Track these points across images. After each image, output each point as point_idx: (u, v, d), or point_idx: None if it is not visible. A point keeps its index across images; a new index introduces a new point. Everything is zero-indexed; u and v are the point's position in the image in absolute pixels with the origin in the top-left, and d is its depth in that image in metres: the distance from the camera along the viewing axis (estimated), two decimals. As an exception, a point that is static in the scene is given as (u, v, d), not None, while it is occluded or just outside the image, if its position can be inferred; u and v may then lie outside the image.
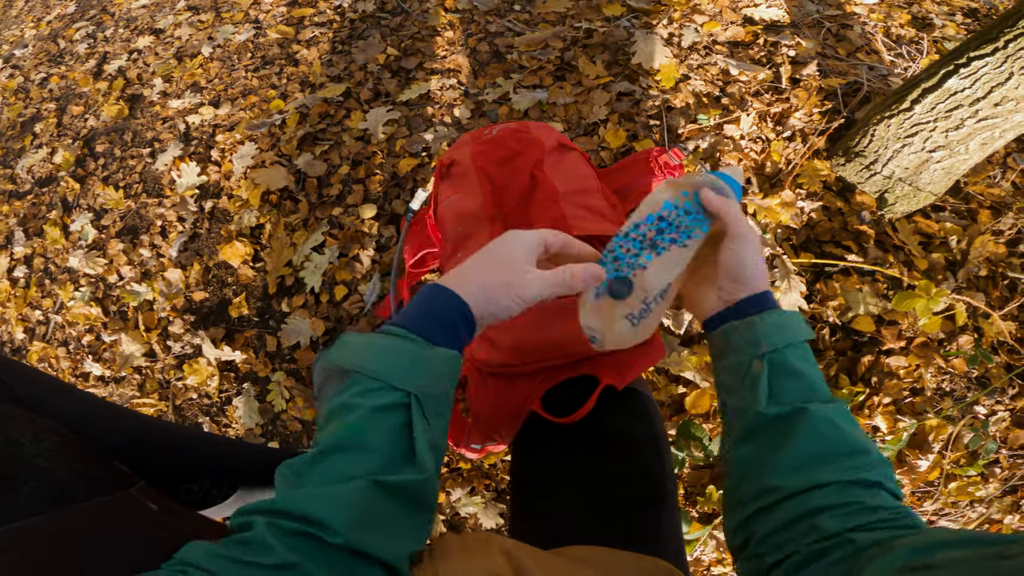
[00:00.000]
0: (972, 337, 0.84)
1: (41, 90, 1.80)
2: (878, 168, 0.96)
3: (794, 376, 0.43)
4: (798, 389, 0.43)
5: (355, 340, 0.42)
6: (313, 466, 0.37)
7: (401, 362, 0.40)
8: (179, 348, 1.23)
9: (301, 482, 0.37)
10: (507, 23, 1.33)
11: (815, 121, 1.05)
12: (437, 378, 0.42)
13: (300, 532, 0.35)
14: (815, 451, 0.40)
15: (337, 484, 0.37)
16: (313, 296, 1.13)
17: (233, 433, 1.17)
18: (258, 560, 0.33)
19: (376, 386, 0.39)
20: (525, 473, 0.66)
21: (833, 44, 1.17)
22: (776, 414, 0.42)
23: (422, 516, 0.40)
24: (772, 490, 0.40)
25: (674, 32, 1.22)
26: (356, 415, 0.38)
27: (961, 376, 0.87)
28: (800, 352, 0.45)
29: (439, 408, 0.42)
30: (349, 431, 0.38)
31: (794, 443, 0.40)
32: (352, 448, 0.38)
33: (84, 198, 1.47)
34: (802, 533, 0.37)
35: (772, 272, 0.95)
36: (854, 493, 0.38)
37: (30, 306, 1.44)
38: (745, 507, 0.41)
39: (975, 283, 0.88)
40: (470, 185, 0.76)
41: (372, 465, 0.38)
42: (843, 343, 0.90)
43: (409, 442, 0.39)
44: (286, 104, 1.36)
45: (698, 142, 1.08)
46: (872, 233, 0.92)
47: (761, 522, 0.40)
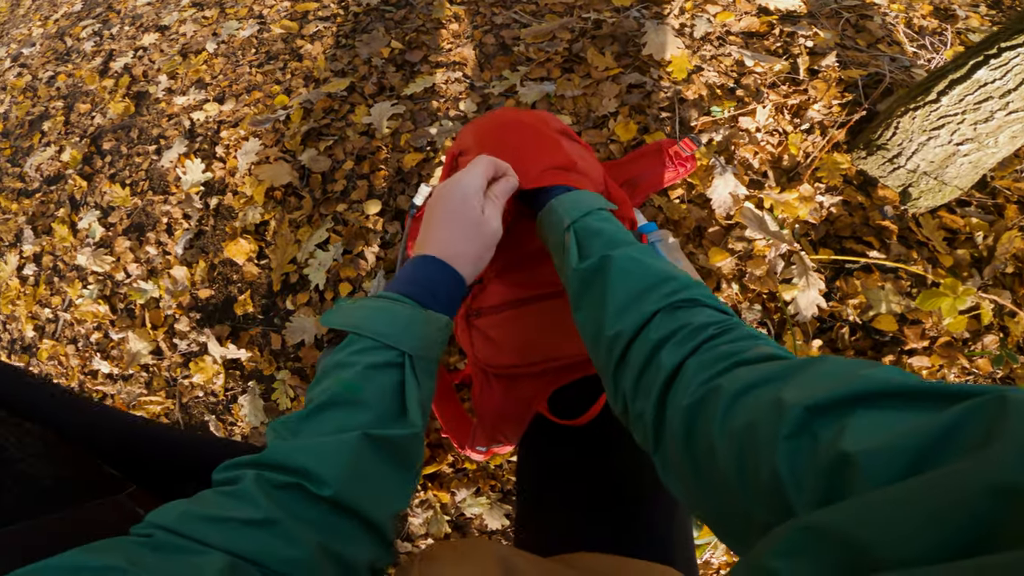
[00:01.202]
0: (997, 337, 0.78)
1: (49, 88, 1.75)
2: (902, 161, 0.89)
3: (595, 235, 0.46)
4: (600, 244, 0.45)
5: (352, 304, 0.43)
6: (306, 421, 0.37)
7: (397, 323, 0.41)
8: (185, 346, 1.19)
9: (291, 436, 0.37)
10: (513, 14, 1.26)
11: (834, 113, 0.98)
12: (430, 341, 0.42)
13: (289, 484, 0.34)
14: (631, 287, 0.41)
15: (328, 436, 0.36)
16: (318, 293, 1.08)
17: (239, 431, 1.13)
18: (237, 515, 0.32)
19: (372, 345, 0.40)
20: (532, 474, 0.63)
21: (852, 35, 1.09)
22: (586, 267, 0.43)
23: (408, 473, 0.40)
24: (615, 337, 0.40)
25: (686, 22, 1.15)
26: (351, 372, 0.38)
27: (985, 376, 0.81)
28: (599, 216, 0.48)
29: (429, 369, 0.43)
30: (344, 387, 0.38)
31: (611, 288, 0.41)
32: (346, 403, 0.37)
33: (91, 196, 1.42)
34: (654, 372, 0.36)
35: (790, 269, 0.88)
36: (679, 317, 0.38)
37: (39, 304, 1.40)
38: (608, 367, 0.41)
39: (1001, 280, 0.81)
40: None
41: (364, 419, 0.37)
42: (863, 342, 0.84)
43: (401, 399, 0.39)
44: (290, 99, 1.30)
45: (712, 135, 1.01)
46: (895, 229, 0.85)
47: (623, 376, 0.39)
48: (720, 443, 0.29)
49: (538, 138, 0.64)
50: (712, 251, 0.93)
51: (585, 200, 0.50)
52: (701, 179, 0.97)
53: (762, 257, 0.90)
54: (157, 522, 0.32)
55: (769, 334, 0.87)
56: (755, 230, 0.92)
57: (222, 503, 0.33)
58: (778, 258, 0.90)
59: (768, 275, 0.89)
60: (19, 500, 0.45)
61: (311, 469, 0.34)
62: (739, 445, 0.28)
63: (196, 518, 0.32)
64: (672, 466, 0.35)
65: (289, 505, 0.34)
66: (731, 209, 0.95)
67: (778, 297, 0.87)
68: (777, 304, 0.87)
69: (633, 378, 0.38)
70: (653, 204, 0.98)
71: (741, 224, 0.94)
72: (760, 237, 0.91)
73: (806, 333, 0.84)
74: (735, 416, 0.29)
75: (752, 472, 0.26)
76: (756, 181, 0.97)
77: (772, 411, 0.26)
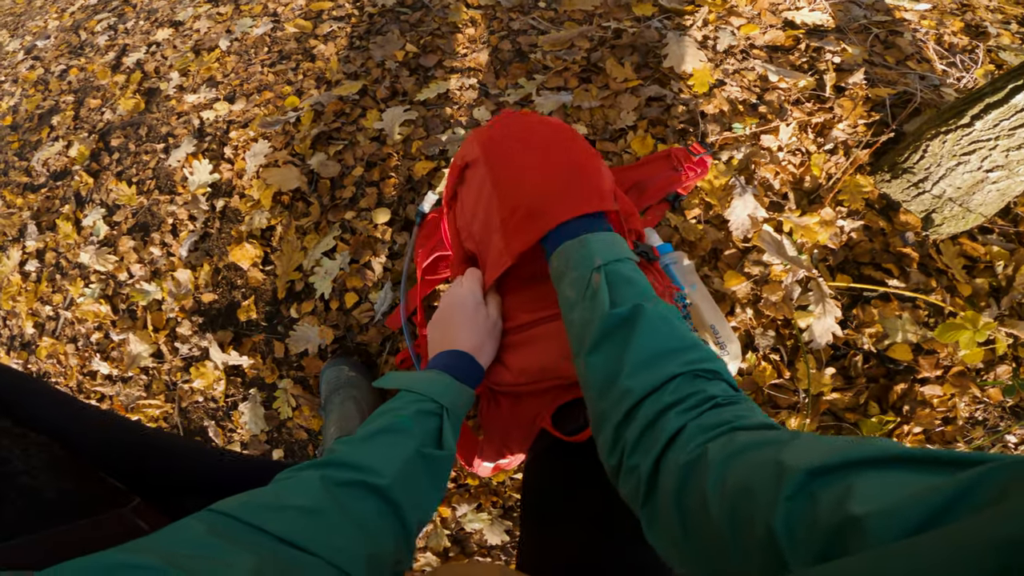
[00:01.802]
0: (1010, 367, 0.81)
1: (60, 82, 1.84)
2: (927, 186, 0.92)
3: (628, 283, 0.52)
4: (634, 292, 0.51)
5: (406, 374, 0.62)
6: (367, 439, 0.50)
7: (438, 386, 0.58)
8: (186, 350, 1.25)
9: (355, 446, 0.48)
10: (531, 20, 1.32)
11: (860, 133, 1.02)
12: (460, 403, 0.60)
13: (352, 481, 0.44)
14: (656, 347, 0.46)
15: (389, 448, 0.49)
16: (323, 302, 1.14)
17: (238, 439, 1.19)
18: (295, 503, 0.40)
19: (420, 398, 0.56)
20: (536, 490, 0.69)
21: (881, 51, 1.13)
22: (619, 314, 0.49)
23: (438, 492, 0.53)
24: (629, 391, 0.44)
25: (709, 35, 1.20)
26: (404, 412, 0.54)
27: (995, 405, 0.85)
28: (630, 265, 0.55)
29: (456, 424, 0.59)
30: (399, 420, 0.53)
31: (637, 340, 0.47)
32: (401, 431, 0.52)
33: (97, 193, 1.50)
34: (659, 432, 0.41)
35: (806, 295, 0.92)
36: (697, 384, 0.43)
37: (40, 301, 1.48)
38: (610, 418, 0.46)
39: (1018, 311, 0.85)
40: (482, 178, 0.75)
41: (415, 442, 0.51)
42: (876, 370, 0.88)
43: (439, 435, 0.55)
44: (301, 101, 1.37)
45: (733, 152, 1.05)
46: (916, 256, 0.89)
47: (628, 429, 0.44)
48: (713, 499, 0.32)
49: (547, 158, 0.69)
50: (728, 274, 0.97)
51: (618, 244, 0.58)
52: (719, 199, 1.02)
53: (778, 282, 0.94)
54: (220, 509, 0.39)
55: (782, 360, 0.91)
56: (773, 255, 0.96)
57: (283, 494, 0.42)
58: (795, 284, 0.94)
59: (784, 301, 0.93)
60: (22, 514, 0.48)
61: (372, 465, 0.46)
62: (733, 502, 0.31)
63: (257, 506, 0.39)
64: (661, 521, 0.38)
65: (344, 499, 0.43)
66: (749, 232, 0.99)
67: (793, 324, 0.91)
68: (791, 331, 0.91)
69: (636, 433, 0.42)
70: (669, 224, 1.03)
71: (759, 248, 0.98)
72: (778, 262, 0.95)
73: (819, 360, 0.88)
74: (730, 475, 0.32)
75: (746, 528, 0.29)
76: (776, 203, 1.01)
77: (771, 472, 0.29)
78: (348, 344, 1.12)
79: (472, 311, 0.68)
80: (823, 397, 0.85)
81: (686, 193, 1.03)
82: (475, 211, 0.74)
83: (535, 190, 0.65)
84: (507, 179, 0.69)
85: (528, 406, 0.72)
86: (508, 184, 0.69)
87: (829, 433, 0.84)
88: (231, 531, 0.37)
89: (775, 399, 0.88)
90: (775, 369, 0.90)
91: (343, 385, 1.06)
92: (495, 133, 0.74)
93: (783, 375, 0.89)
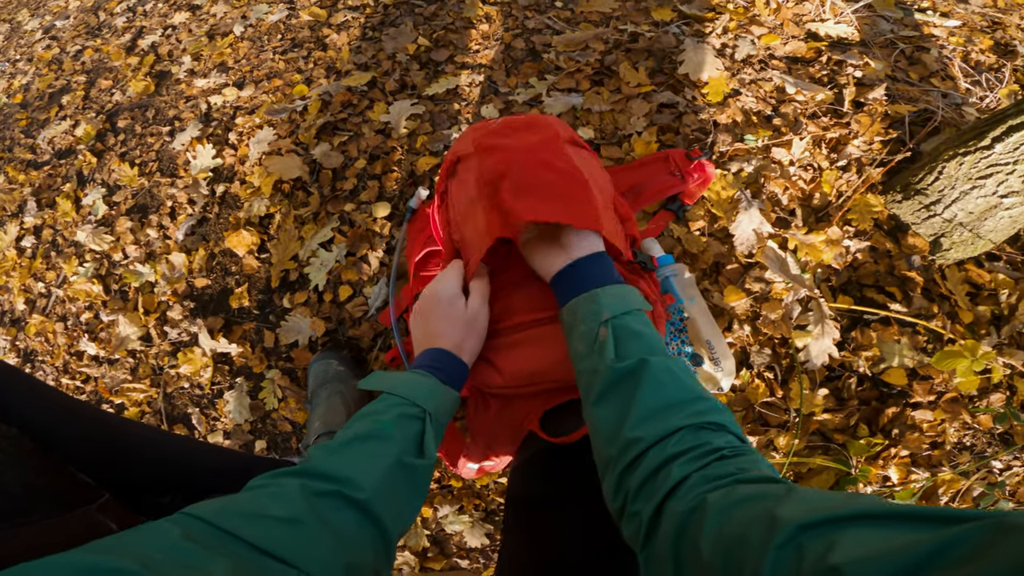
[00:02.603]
0: (1004, 395, 0.88)
1: (74, 62, 2.01)
2: (939, 209, 0.99)
3: (635, 336, 0.58)
4: (639, 347, 0.57)
5: (389, 375, 0.66)
6: (346, 446, 0.54)
7: (422, 389, 0.63)
8: (176, 335, 1.37)
9: (334, 455, 0.53)
10: (547, 20, 1.42)
11: (875, 150, 1.09)
12: (444, 407, 0.64)
13: (330, 492, 0.48)
14: (663, 399, 0.52)
15: (368, 458, 0.53)
16: (316, 294, 1.24)
17: (221, 427, 1.29)
18: (273, 513, 0.44)
19: (402, 402, 0.61)
20: (521, 496, 0.75)
21: (905, 67, 1.21)
22: (623, 368, 0.54)
23: (418, 501, 0.59)
24: (634, 441, 0.50)
25: (728, 43, 1.29)
26: (385, 416, 0.59)
27: (984, 432, 0.91)
28: (639, 318, 0.61)
29: (439, 429, 0.63)
30: (379, 425, 0.57)
31: (643, 393, 0.52)
32: (380, 437, 0.56)
33: (99, 173, 1.64)
34: (662, 481, 0.46)
35: (806, 315, 0.99)
36: (702, 436, 0.48)
37: (34, 277, 1.62)
38: (616, 465, 0.51)
39: (1017, 340, 0.91)
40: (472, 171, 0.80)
41: (395, 450, 0.55)
42: (869, 393, 0.94)
43: (420, 441, 0.59)
44: (309, 90, 1.49)
45: (742, 164, 1.14)
46: (920, 281, 0.96)
47: (631, 476, 0.49)
48: (707, 545, 0.38)
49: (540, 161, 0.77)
50: (728, 290, 1.05)
51: (629, 296, 0.64)
52: (725, 212, 1.10)
53: (779, 301, 1.02)
54: (195, 513, 0.42)
55: (776, 379, 0.98)
56: (776, 272, 1.04)
57: (261, 502, 0.45)
58: (795, 303, 1.01)
59: (783, 320, 1.00)
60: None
61: (352, 477, 0.50)
62: (727, 548, 0.37)
63: (234, 513, 0.43)
64: (655, 564, 0.44)
65: (323, 510, 0.47)
66: (753, 247, 1.07)
67: (790, 343, 0.98)
68: (788, 350, 0.98)
69: (639, 481, 0.48)
70: (672, 236, 1.11)
71: (762, 264, 1.05)
72: (780, 280, 1.03)
73: (813, 381, 0.95)
74: (727, 524, 0.38)
75: (736, 573, 0.35)
76: (783, 219, 1.08)
77: (765, 524, 0.34)
78: (339, 338, 1.22)
79: (447, 304, 0.72)
80: (814, 417, 0.92)
81: (691, 203, 1.11)
82: (464, 204, 0.80)
83: (525, 176, 0.72)
84: (496, 165, 0.75)
85: (517, 408, 0.78)
86: (496, 169, 0.74)
87: (816, 454, 0.91)
88: (206, 537, 0.40)
89: (766, 417, 0.95)
90: (768, 387, 0.97)
91: (331, 379, 1.16)
92: (491, 128, 0.82)
93: (776, 394, 0.96)
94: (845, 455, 0.89)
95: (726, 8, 1.35)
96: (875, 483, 0.88)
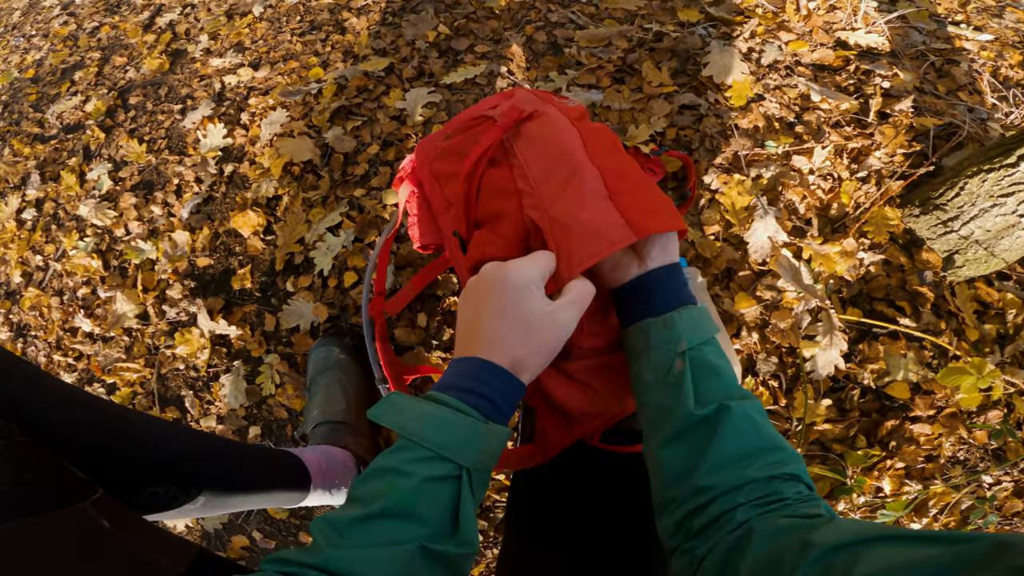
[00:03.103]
0: (1002, 412, 0.93)
1: (90, 39, 2.11)
2: (956, 226, 1.04)
3: (714, 374, 0.56)
4: (719, 387, 0.55)
5: (410, 405, 0.52)
6: (358, 526, 0.47)
7: (459, 436, 0.50)
8: (174, 314, 1.44)
9: (343, 542, 0.46)
10: (571, 14, 1.50)
11: (896, 163, 1.15)
12: (488, 456, 0.52)
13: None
14: (740, 448, 0.52)
15: (383, 547, 0.46)
16: (321, 279, 1.31)
17: (215, 411, 1.36)
18: None
19: (429, 456, 0.49)
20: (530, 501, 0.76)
21: (934, 79, 1.26)
22: (704, 414, 0.53)
23: None
24: (706, 489, 0.51)
25: (754, 47, 1.35)
26: (407, 483, 0.48)
27: (979, 447, 0.97)
28: (714, 348, 0.58)
29: (484, 482, 0.53)
30: (400, 499, 0.47)
31: (720, 441, 0.52)
32: (402, 516, 0.47)
33: (107, 148, 1.73)
34: (724, 524, 0.49)
35: (815, 326, 1.05)
36: (775, 486, 0.50)
37: (32, 250, 1.70)
38: (680, 507, 0.52)
39: (1019, 359, 0.96)
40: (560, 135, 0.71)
41: (420, 533, 0.47)
42: (871, 405, 1.00)
43: (455, 513, 0.49)
44: (325, 73, 1.57)
45: (761, 170, 1.19)
46: (931, 296, 1.01)
47: (696, 519, 0.51)
48: (745, 570, 0.43)
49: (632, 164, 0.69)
50: (739, 296, 1.11)
51: (705, 320, 0.59)
52: (740, 219, 1.16)
53: (789, 310, 1.07)
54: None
55: (780, 387, 1.03)
56: (788, 281, 1.09)
57: None
58: (805, 312, 1.06)
59: (792, 329, 1.06)
60: None
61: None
62: (762, 570, 0.42)
63: None
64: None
65: None
66: (767, 255, 1.13)
67: (798, 353, 1.03)
68: (795, 359, 1.03)
69: (703, 523, 0.50)
70: (686, 239, 1.17)
71: (774, 272, 1.11)
72: (792, 289, 1.08)
73: (817, 391, 1.00)
74: (767, 551, 0.43)
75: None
76: (799, 228, 1.14)
77: (799, 548, 0.39)
78: (342, 325, 1.28)
79: (517, 292, 0.55)
80: (815, 427, 0.97)
81: (692, 191, 1.16)
82: (551, 170, 0.68)
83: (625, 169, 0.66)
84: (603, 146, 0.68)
85: (592, 426, 0.72)
86: (609, 153, 0.67)
87: (814, 463, 0.96)
88: None
89: (769, 426, 1.01)
90: (772, 395, 1.02)
91: (331, 367, 1.21)
92: (549, 99, 0.78)
93: (779, 402, 1.01)
94: (842, 465, 0.94)
95: (755, 12, 1.42)
96: (868, 494, 0.93)
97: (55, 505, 0.54)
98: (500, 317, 0.55)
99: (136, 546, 0.58)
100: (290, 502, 1.02)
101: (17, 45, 2.30)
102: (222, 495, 0.83)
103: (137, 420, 0.77)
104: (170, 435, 0.81)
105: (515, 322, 0.55)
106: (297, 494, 1.00)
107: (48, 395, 0.66)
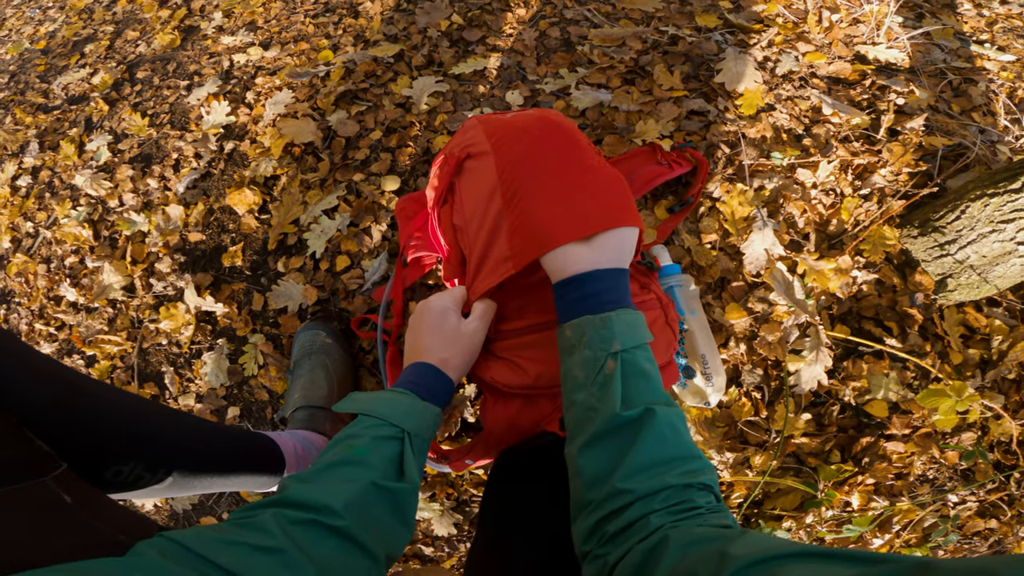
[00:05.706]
0: (976, 434, 1.03)
1: (106, 12, 2.32)
2: (952, 249, 1.15)
3: (643, 377, 0.65)
4: (648, 391, 0.64)
5: (365, 395, 0.76)
6: (320, 473, 0.63)
7: (399, 408, 0.73)
8: (161, 288, 1.59)
9: (305, 484, 0.61)
10: (586, 11, 1.64)
11: (900, 182, 1.26)
12: (425, 425, 0.74)
13: (306, 520, 0.56)
14: (661, 454, 0.59)
15: (340, 483, 0.61)
16: (313, 261, 1.45)
17: (195, 390, 1.50)
18: (249, 541, 0.51)
19: (378, 423, 0.70)
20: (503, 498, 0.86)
21: (949, 98, 1.38)
22: (630, 416, 0.61)
23: (404, 527, 0.67)
24: (623, 492, 0.57)
25: (771, 56, 1.48)
26: (360, 441, 0.67)
27: (949, 467, 1.08)
28: (646, 353, 0.68)
29: (422, 447, 0.73)
30: (354, 451, 0.66)
31: (642, 445, 0.59)
32: (356, 463, 0.65)
33: (109, 120, 1.90)
34: (638, 530, 0.55)
35: (803, 341, 1.16)
36: (689, 494, 0.57)
37: (24, 216, 1.87)
38: (596, 510, 0.59)
39: (999, 384, 1.07)
40: (489, 173, 0.87)
41: (372, 474, 0.64)
42: (848, 421, 1.11)
43: (400, 464, 0.68)
44: (335, 56, 1.73)
45: (764, 181, 1.32)
46: (919, 318, 1.12)
47: (610, 524, 0.57)
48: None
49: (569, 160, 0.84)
50: (730, 307, 1.22)
51: (640, 326, 0.69)
52: (738, 229, 1.28)
53: (778, 323, 1.19)
54: (173, 536, 0.49)
55: (762, 399, 1.14)
56: (780, 295, 1.21)
57: (236, 530, 0.52)
58: (794, 327, 1.18)
59: (780, 342, 1.17)
60: None
61: (328, 504, 0.57)
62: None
63: (211, 538, 0.50)
64: None
65: (301, 539, 0.54)
66: (762, 268, 1.25)
67: (783, 366, 1.15)
68: (780, 372, 1.15)
69: (617, 528, 0.56)
70: (683, 246, 1.29)
71: (767, 285, 1.23)
72: (783, 303, 1.20)
73: (798, 405, 1.11)
74: (681, 561, 0.47)
75: None
76: (796, 242, 1.26)
77: (716, 561, 0.43)
78: (331, 309, 1.42)
79: (437, 317, 0.84)
80: (792, 439, 1.08)
81: (695, 198, 1.29)
82: (476, 209, 0.87)
83: (557, 183, 0.79)
84: (521, 178, 0.82)
85: (541, 408, 0.90)
86: (523, 185, 0.81)
87: (788, 475, 1.07)
88: (183, 559, 0.47)
89: (746, 435, 1.12)
90: (754, 407, 1.14)
91: (316, 351, 1.33)
92: (506, 123, 0.91)
93: (760, 413, 1.13)
94: (815, 478, 1.05)
95: (775, 22, 1.55)
96: (837, 507, 1.03)
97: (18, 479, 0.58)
98: (428, 334, 0.84)
99: (97, 523, 0.64)
100: (262, 486, 1.09)
101: (32, 16, 2.52)
102: (191, 476, 0.90)
103: (105, 395, 0.81)
104: (139, 413, 0.86)
105: (439, 336, 0.83)
106: (270, 478, 1.07)
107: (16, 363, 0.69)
